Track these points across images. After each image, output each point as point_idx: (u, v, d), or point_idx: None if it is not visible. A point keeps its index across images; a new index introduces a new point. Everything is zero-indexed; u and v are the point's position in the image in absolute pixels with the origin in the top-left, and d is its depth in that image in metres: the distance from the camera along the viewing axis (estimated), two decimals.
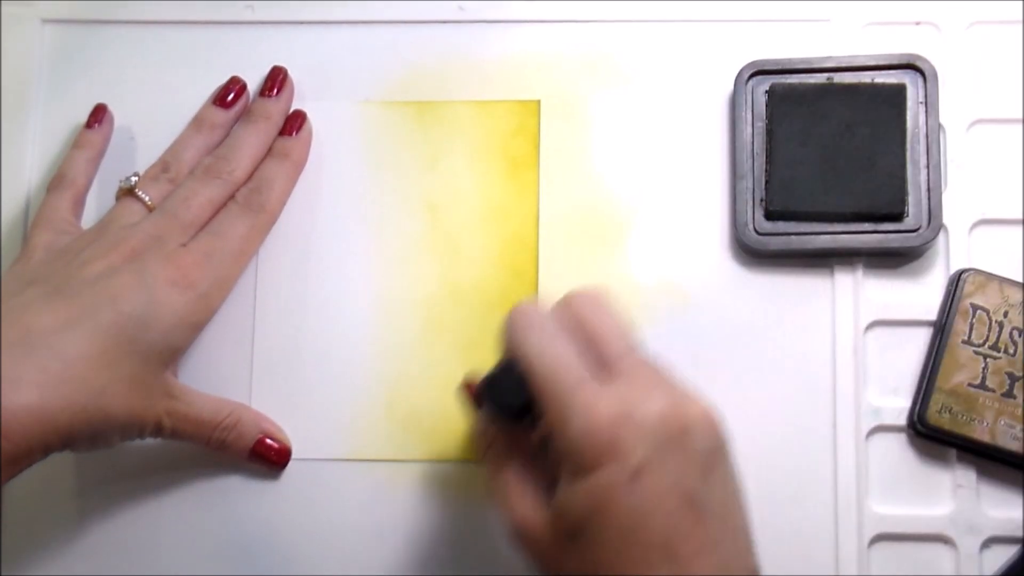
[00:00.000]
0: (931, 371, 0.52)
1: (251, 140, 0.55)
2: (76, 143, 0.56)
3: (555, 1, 0.57)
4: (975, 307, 0.52)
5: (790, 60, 0.55)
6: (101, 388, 0.47)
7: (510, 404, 0.44)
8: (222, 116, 0.56)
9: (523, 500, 0.45)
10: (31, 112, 0.58)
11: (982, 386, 0.52)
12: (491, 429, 0.47)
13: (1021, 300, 0.52)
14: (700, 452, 0.42)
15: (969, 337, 0.52)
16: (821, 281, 0.54)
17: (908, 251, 0.53)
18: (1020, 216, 0.54)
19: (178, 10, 0.58)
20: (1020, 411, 0.51)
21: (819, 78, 0.54)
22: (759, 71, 0.55)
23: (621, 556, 0.41)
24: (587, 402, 0.42)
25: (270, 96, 0.56)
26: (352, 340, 0.55)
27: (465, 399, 0.50)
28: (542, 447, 0.44)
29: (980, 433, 0.51)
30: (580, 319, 0.44)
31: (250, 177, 0.55)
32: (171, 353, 0.51)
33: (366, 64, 0.58)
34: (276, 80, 0.56)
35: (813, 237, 0.53)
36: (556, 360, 0.43)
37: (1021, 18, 0.56)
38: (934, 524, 0.52)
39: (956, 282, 0.53)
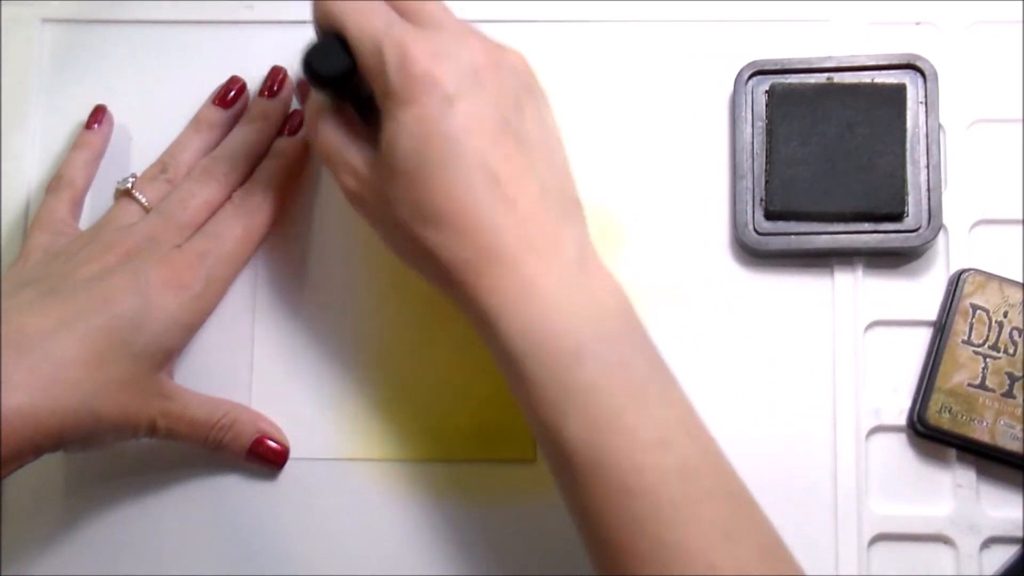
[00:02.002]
0: (931, 371, 0.52)
1: (249, 140, 0.55)
2: (75, 144, 0.56)
3: (555, 1, 0.57)
4: (975, 307, 0.52)
5: (790, 60, 0.55)
6: (93, 390, 0.48)
7: (333, 70, 0.46)
8: (221, 116, 0.56)
9: (352, 158, 0.47)
10: (31, 112, 0.58)
11: (982, 386, 0.52)
12: (317, 102, 0.48)
13: (1021, 300, 0.52)
14: (512, 87, 0.45)
15: (969, 337, 0.52)
16: (821, 281, 0.54)
17: (908, 251, 0.53)
18: (1020, 216, 0.54)
19: (178, 10, 0.58)
20: (1020, 411, 0.51)
21: (819, 78, 0.54)
22: (759, 71, 0.55)
23: (445, 181, 0.43)
24: (400, 41, 0.44)
25: (269, 96, 0.56)
26: (352, 340, 0.55)
27: (297, 95, 0.52)
28: (367, 110, 0.47)
29: (980, 433, 0.51)
30: None
31: (247, 178, 0.55)
32: (165, 354, 0.51)
33: None
34: (275, 80, 0.56)
35: (813, 237, 0.53)
36: (368, 13, 0.45)
37: (1021, 18, 0.56)
38: (934, 524, 0.52)
39: (956, 282, 0.53)
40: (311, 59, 0.46)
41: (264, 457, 0.54)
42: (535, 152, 0.45)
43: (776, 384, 0.54)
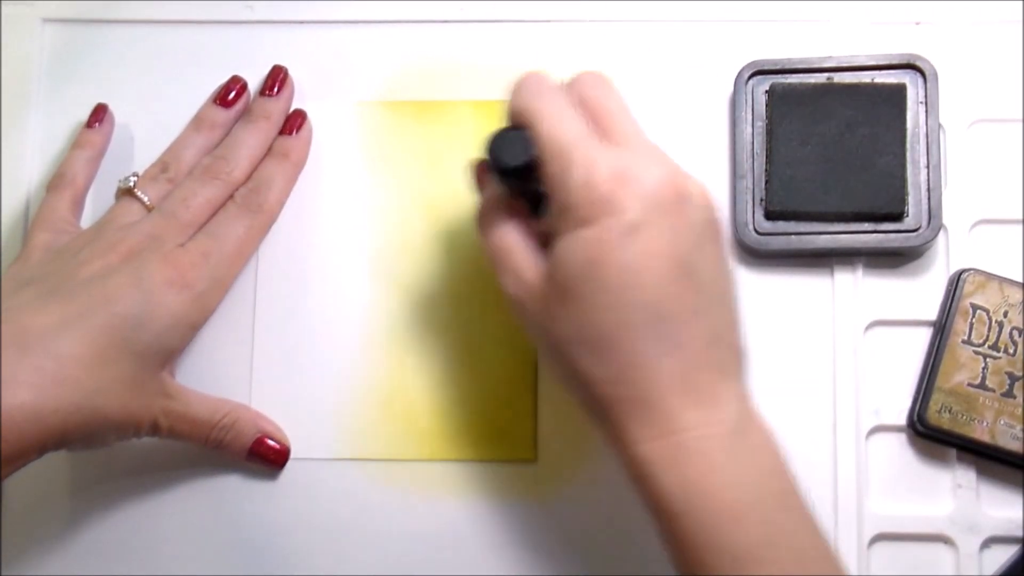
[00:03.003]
0: (931, 371, 0.52)
1: (250, 140, 0.55)
2: (76, 143, 0.56)
3: (555, 1, 0.57)
4: (975, 307, 0.52)
5: (790, 60, 0.55)
6: (96, 388, 0.48)
7: (512, 162, 0.45)
8: (222, 115, 0.56)
9: (521, 262, 0.45)
10: (31, 112, 0.58)
11: (982, 386, 0.52)
12: (494, 195, 0.47)
13: (1021, 300, 0.52)
14: (696, 222, 0.43)
15: (969, 337, 0.52)
16: (821, 281, 0.54)
17: (908, 251, 0.53)
18: (1020, 216, 0.54)
19: (178, 10, 0.58)
20: (1020, 411, 0.51)
21: (819, 78, 0.54)
22: (759, 71, 0.55)
23: (612, 313, 0.42)
24: (588, 157, 0.43)
25: (270, 95, 0.56)
26: (352, 340, 0.55)
27: (472, 180, 0.50)
28: (543, 210, 0.45)
29: (980, 433, 0.51)
30: (585, 95, 0.46)
31: (249, 177, 0.55)
32: (167, 353, 0.51)
33: (366, 64, 0.58)
34: (276, 79, 0.56)
35: (813, 237, 0.53)
36: (561, 117, 0.44)
37: (1021, 18, 0.56)
38: (934, 524, 0.52)
39: (956, 282, 0.53)
40: (496, 147, 0.45)
41: (265, 457, 0.54)
42: (709, 296, 0.43)
43: (776, 384, 0.54)
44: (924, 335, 0.54)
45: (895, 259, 0.54)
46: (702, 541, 0.41)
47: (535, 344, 0.46)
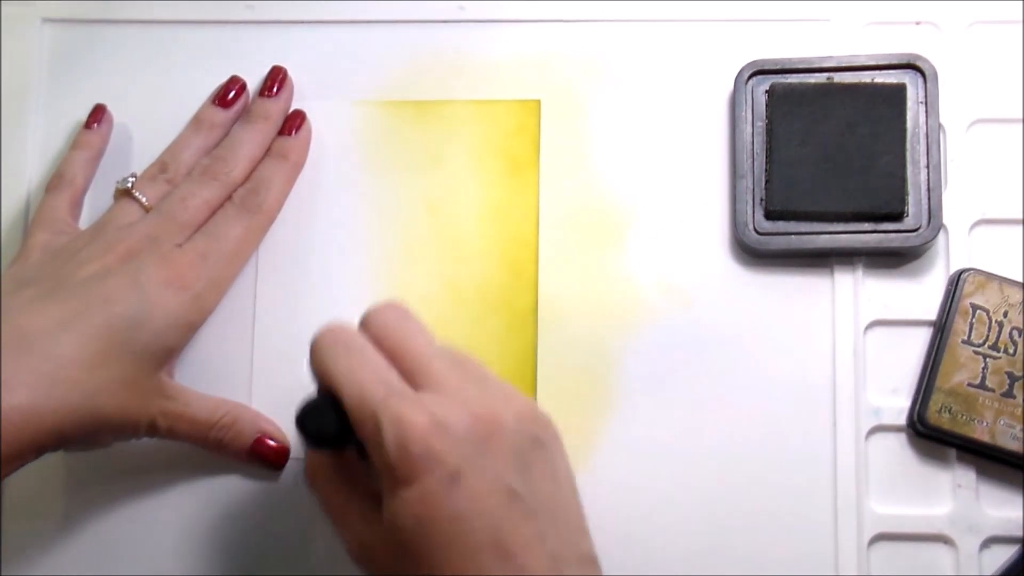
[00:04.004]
0: (931, 371, 0.52)
1: (249, 140, 0.55)
2: (75, 143, 0.56)
3: (555, 1, 0.57)
4: (975, 307, 0.52)
5: (790, 60, 0.55)
6: (94, 389, 0.48)
7: (326, 433, 0.44)
8: (221, 115, 0.56)
9: (357, 523, 0.45)
10: (31, 112, 0.58)
11: (982, 386, 0.52)
12: (318, 458, 0.47)
13: (1021, 300, 0.52)
14: (516, 448, 0.43)
15: (969, 337, 0.52)
16: (821, 281, 0.54)
17: (908, 251, 0.53)
18: (1020, 216, 0.54)
19: (178, 10, 0.58)
20: (1020, 411, 0.51)
21: (819, 78, 0.54)
22: (759, 71, 0.55)
23: (454, 562, 0.41)
24: (397, 416, 0.42)
25: (269, 96, 0.56)
26: None
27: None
28: (368, 469, 0.44)
29: (980, 433, 0.51)
30: (381, 336, 0.45)
31: (248, 177, 0.55)
32: (165, 354, 0.51)
33: (366, 64, 0.58)
34: (276, 80, 0.56)
35: (813, 237, 0.53)
36: (363, 377, 0.43)
37: (1021, 18, 0.55)
38: (934, 524, 0.52)
39: (956, 282, 0.53)
40: (304, 419, 0.44)
41: (265, 457, 0.53)
42: (547, 513, 0.42)
43: (776, 384, 0.54)
44: (924, 335, 0.54)
45: (895, 259, 0.54)
46: None
47: None
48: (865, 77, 0.54)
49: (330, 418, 0.44)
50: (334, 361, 0.44)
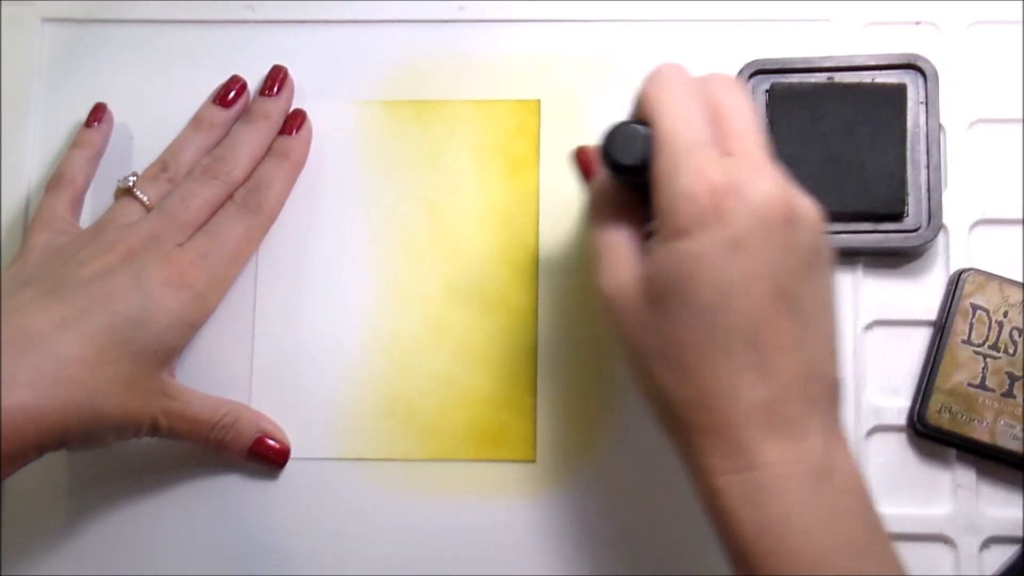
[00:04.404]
0: (931, 371, 0.52)
1: (250, 140, 0.55)
2: (75, 142, 0.56)
3: (555, 1, 0.57)
4: (975, 307, 0.52)
5: (790, 60, 0.55)
6: (95, 388, 0.48)
7: (626, 160, 0.43)
8: (222, 115, 0.56)
9: (619, 262, 0.43)
10: (31, 112, 0.58)
11: (982, 386, 0.52)
12: (605, 187, 0.45)
13: (1021, 300, 0.52)
14: (802, 246, 0.41)
15: (969, 337, 0.52)
16: None
17: (908, 251, 0.53)
18: (1020, 216, 0.54)
19: (178, 10, 0.58)
20: (1020, 411, 0.51)
21: (819, 78, 0.54)
22: (759, 71, 0.55)
23: (702, 332, 0.40)
24: (699, 165, 0.40)
25: (270, 95, 0.56)
26: (352, 340, 0.55)
27: (576, 167, 0.49)
28: (650, 212, 0.43)
29: (980, 433, 0.51)
30: (713, 95, 0.44)
31: (249, 177, 0.55)
32: (167, 353, 0.51)
33: (366, 64, 0.58)
34: (276, 79, 0.56)
35: None
36: (681, 118, 0.42)
37: (1021, 18, 0.56)
38: (934, 524, 0.52)
39: (956, 282, 0.53)
40: (613, 141, 0.43)
41: (265, 457, 0.53)
42: (809, 324, 0.41)
43: None
44: (924, 335, 0.54)
45: (895, 259, 0.54)
46: None
47: (621, 349, 0.44)
48: (865, 77, 0.54)
49: (638, 146, 0.43)
50: (667, 92, 0.43)
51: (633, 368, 0.43)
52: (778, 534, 0.40)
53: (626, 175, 0.44)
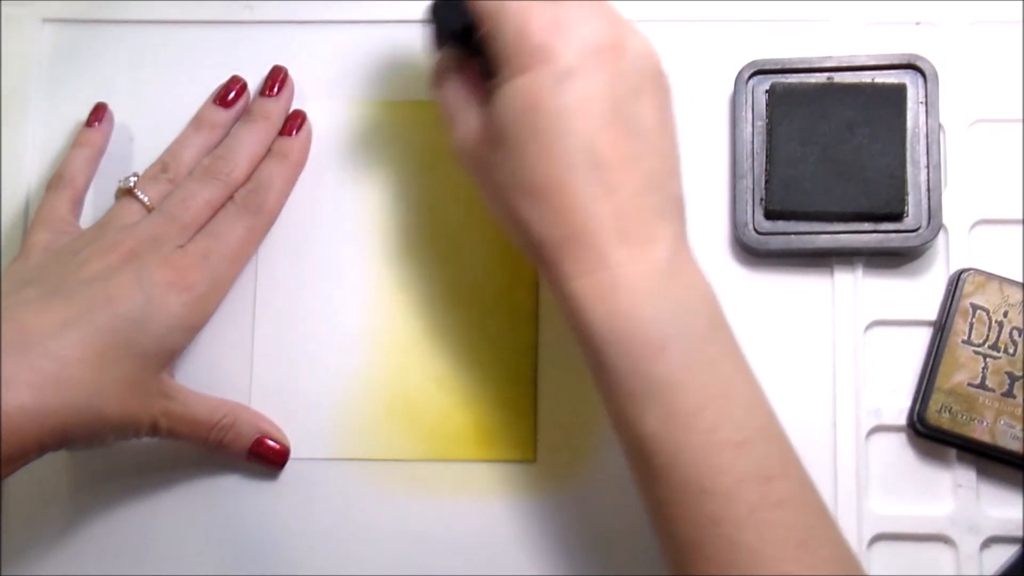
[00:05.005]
0: (931, 371, 0.52)
1: (250, 140, 0.55)
2: (76, 142, 0.56)
3: None
4: (975, 307, 0.52)
5: (790, 60, 0.55)
6: (96, 389, 0.48)
7: (452, 24, 0.46)
8: (222, 115, 0.56)
9: (465, 116, 0.47)
10: (31, 112, 0.58)
11: (982, 386, 0.52)
12: (445, 55, 0.48)
13: (1021, 300, 0.52)
14: (633, 71, 0.44)
15: (969, 337, 0.52)
16: (821, 281, 0.54)
17: (908, 251, 0.53)
18: (1020, 216, 0.54)
19: (178, 10, 0.58)
20: (1020, 411, 0.51)
21: (819, 78, 0.54)
22: (759, 71, 0.55)
23: (547, 158, 0.43)
24: (522, 7, 0.43)
25: (270, 96, 0.56)
26: (351, 340, 0.55)
27: (428, 43, 0.50)
28: (487, 69, 0.46)
29: (980, 433, 0.51)
30: None
31: (249, 177, 0.55)
32: (167, 354, 0.51)
33: (366, 64, 0.58)
34: (276, 79, 0.56)
35: (813, 237, 0.53)
36: None
37: (1021, 18, 0.56)
38: (934, 524, 0.52)
39: (956, 282, 0.53)
40: (435, 13, 0.47)
41: (265, 457, 0.54)
42: (646, 142, 0.44)
43: (776, 384, 0.53)
44: (924, 335, 0.54)
45: (895, 259, 0.54)
46: (627, 370, 0.42)
47: (483, 196, 0.47)
48: (865, 77, 0.54)
49: (460, 12, 0.45)
50: None
51: (494, 207, 0.46)
52: (625, 324, 0.43)
53: (457, 41, 0.47)
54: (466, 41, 0.46)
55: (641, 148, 0.44)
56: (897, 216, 0.53)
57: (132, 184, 0.54)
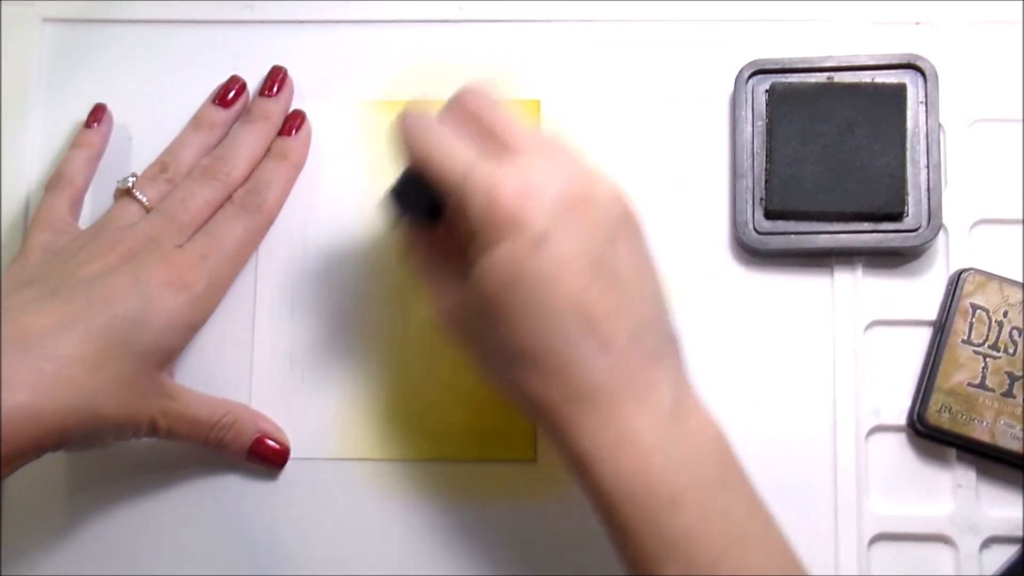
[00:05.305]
0: (931, 371, 0.52)
1: (249, 140, 0.55)
2: (75, 143, 0.56)
3: (555, 1, 0.57)
4: (975, 307, 0.52)
5: (790, 60, 0.55)
6: (95, 389, 0.48)
7: (417, 207, 0.46)
8: (221, 115, 0.56)
9: (443, 288, 0.46)
10: (31, 112, 0.58)
11: (982, 386, 0.52)
12: (410, 233, 0.48)
13: (1021, 300, 0.52)
14: (604, 220, 0.43)
15: (969, 337, 0.52)
16: (821, 281, 0.54)
17: (908, 251, 0.53)
18: (1020, 216, 0.54)
19: (178, 10, 0.58)
20: (1020, 411, 0.51)
21: (819, 78, 0.54)
22: (759, 70, 0.55)
23: (537, 324, 0.42)
24: (485, 180, 0.43)
25: (269, 96, 0.56)
26: (352, 340, 0.55)
27: (387, 213, 0.50)
28: (457, 243, 0.45)
29: (980, 433, 0.51)
30: (472, 112, 0.45)
31: (248, 178, 0.55)
32: (166, 354, 0.51)
33: (366, 64, 0.58)
34: (276, 80, 0.56)
35: (813, 237, 0.53)
36: (451, 148, 0.44)
37: (1021, 18, 0.56)
38: (934, 524, 0.52)
39: (956, 282, 0.53)
40: (396, 196, 0.46)
41: (264, 457, 0.54)
42: (629, 288, 0.43)
43: (776, 384, 0.54)
44: (924, 335, 0.54)
45: (895, 259, 0.54)
46: (640, 527, 0.42)
47: (474, 362, 0.47)
48: (865, 77, 0.54)
49: (421, 190, 0.45)
50: (422, 133, 0.45)
51: (487, 373, 0.46)
52: (635, 479, 0.42)
53: (421, 216, 0.46)
54: (433, 214, 0.46)
55: (626, 297, 0.43)
56: (897, 216, 0.53)
57: (131, 184, 0.54)
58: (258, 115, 0.56)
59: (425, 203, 0.45)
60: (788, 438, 0.53)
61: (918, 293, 0.54)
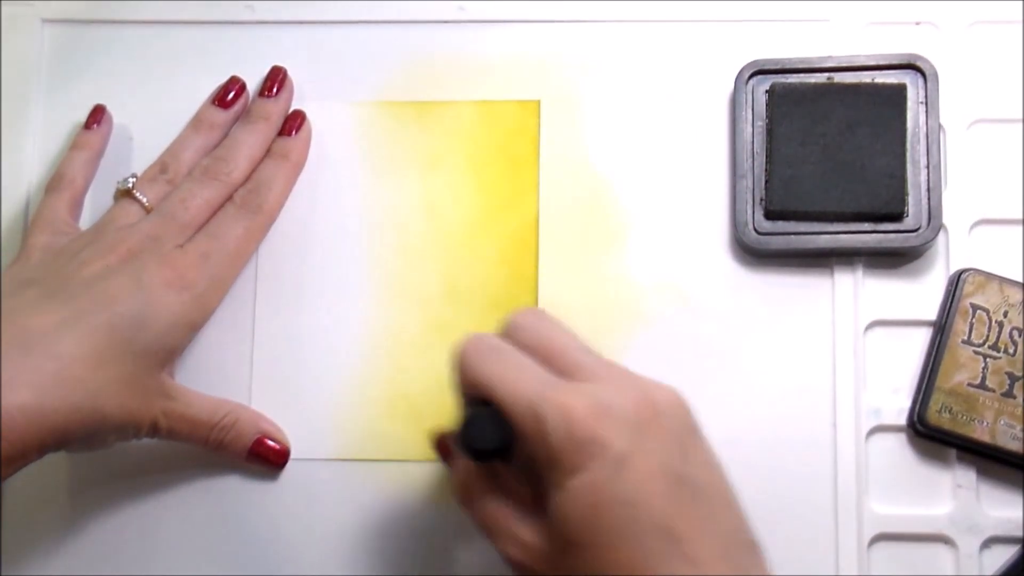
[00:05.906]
0: (931, 371, 0.52)
1: (249, 141, 0.55)
2: (74, 144, 0.56)
3: (555, 1, 0.57)
4: (975, 307, 0.52)
5: (790, 60, 0.55)
6: (96, 389, 0.48)
7: (488, 446, 0.43)
8: (221, 116, 0.56)
9: (517, 528, 0.44)
10: (31, 112, 0.58)
11: (982, 386, 0.52)
12: (469, 472, 0.46)
13: (1021, 300, 0.52)
14: (675, 430, 0.42)
15: (969, 337, 0.52)
16: (821, 281, 0.54)
17: (908, 251, 0.53)
18: (1020, 216, 0.54)
19: (178, 10, 0.58)
20: (1020, 411, 0.51)
21: (819, 78, 0.54)
22: (759, 71, 0.55)
23: (624, 549, 0.40)
24: (560, 404, 0.41)
25: (269, 96, 0.56)
26: (352, 340, 0.55)
27: (436, 452, 0.49)
28: (523, 476, 0.44)
29: (980, 433, 0.51)
30: (530, 338, 0.44)
31: (248, 178, 0.55)
32: (167, 354, 0.51)
33: (366, 64, 0.58)
34: (275, 80, 0.56)
35: (813, 237, 0.53)
36: (519, 376, 0.43)
37: (1021, 18, 0.56)
38: (934, 524, 0.52)
39: (956, 282, 0.53)
40: (468, 435, 0.43)
41: (265, 457, 0.54)
42: (710, 499, 0.42)
43: (776, 384, 0.54)
44: (924, 335, 0.54)
45: (895, 259, 0.54)
46: None
47: None
48: (865, 77, 0.54)
49: (493, 427, 0.43)
50: (487, 366, 0.43)
51: None
52: None
53: (495, 456, 0.44)
54: (504, 455, 0.43)
55: (708, 507, 0.42)
56: (897, 216, 0.53)
57: (131, 185, 0.54)
58: (258, 115, 0.56)
59: (495, 441, 0.43)
60: (788, 438, 0.53)
61: (918, 293, 0.54)
